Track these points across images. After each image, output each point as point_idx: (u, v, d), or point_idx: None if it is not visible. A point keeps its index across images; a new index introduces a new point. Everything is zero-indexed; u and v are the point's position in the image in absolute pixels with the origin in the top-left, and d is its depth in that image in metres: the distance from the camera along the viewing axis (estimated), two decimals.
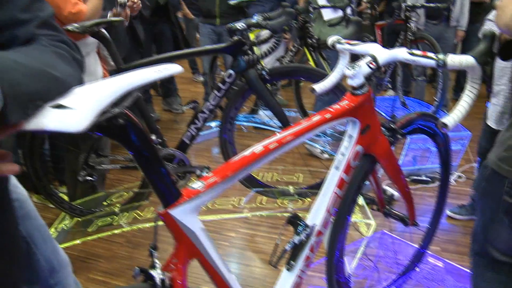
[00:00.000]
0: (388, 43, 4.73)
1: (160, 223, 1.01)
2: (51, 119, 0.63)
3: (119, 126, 0.83)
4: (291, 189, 2.87)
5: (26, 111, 0.61)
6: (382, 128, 1.54)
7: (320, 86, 1.59)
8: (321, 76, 2.11)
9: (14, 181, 1.31)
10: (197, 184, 1.02)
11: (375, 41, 4.88)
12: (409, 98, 4.74)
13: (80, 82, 0.77)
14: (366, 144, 1.47)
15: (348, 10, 3.77)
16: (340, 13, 3.81)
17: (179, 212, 0.98)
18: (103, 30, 2.27)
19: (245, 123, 4.01)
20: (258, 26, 2.30)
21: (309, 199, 2.82)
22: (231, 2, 4.15)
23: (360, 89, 1.38)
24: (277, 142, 1.19)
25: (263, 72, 2.39)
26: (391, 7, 5.01)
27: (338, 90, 2.52)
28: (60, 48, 0.80)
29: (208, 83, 4.60)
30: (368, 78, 1.37)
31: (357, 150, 1.45)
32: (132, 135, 0.86)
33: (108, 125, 0.82)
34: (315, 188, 2.75)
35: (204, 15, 4.61)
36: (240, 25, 2.31)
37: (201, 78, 5.91)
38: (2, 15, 0.77)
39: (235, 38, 2.34)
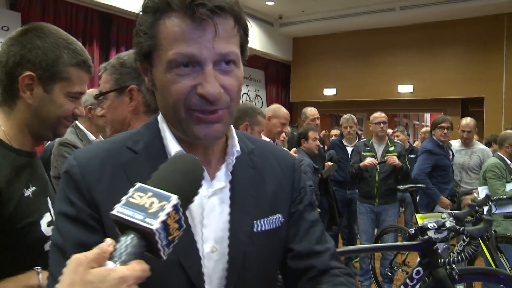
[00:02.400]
0: None
1: None
2: None
3: None
4: None
5: None
6: None
7: None
8: None
9: None
10: None
11: None
12: None
13: None
14: None
15: None
16: None
17: None
18: None
19: None
20: (453, 230, 2.38)
21: None
22: (399, 187, 4.36)
23: None
24: None
25: (453, 273, 2.41)
26: None
27: None
28: (355, 285, 0.98)
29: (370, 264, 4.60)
30: None
31: None
32: None
33: None
34: None
35: (363, 195, 4.84)
36: (431, 225, 2.44)
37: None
38: (302, 246, 0.98)
39: (426, 237, 2.45)
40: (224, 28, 0.81)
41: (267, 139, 3.28)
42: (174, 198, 0.64)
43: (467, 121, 5.10)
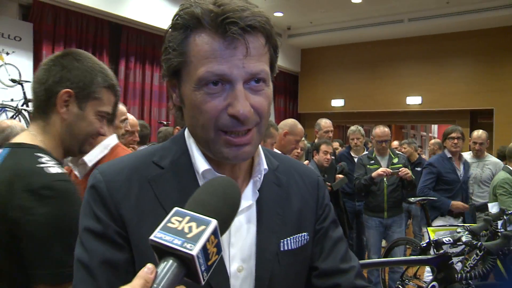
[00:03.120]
0: None
1: None
2: None
3: None
4: None
5: None
6: None
7: None
8: None
9: None
10: None
11: None
12: None
13: None
14: None
15: None
16: None
17: None
18: None
19: None
20: (469, 245, 2.35)
21: None
22: (411, 199, 4.33)
23: None
24: None
25: None
26: None
27: None
28: None
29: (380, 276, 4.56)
30: None
31: None
32: None
33: None
34: None
35: (371, 209, 4.78)
36: (446, 239, 2.40)
37: None
38: (327, 264, 0.97)
39: (441, 251, 2.41)
40: (255, 47, 0.80)
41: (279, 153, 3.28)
42: (213, 222, 0.62)
43: (479, 133, 4.97)
